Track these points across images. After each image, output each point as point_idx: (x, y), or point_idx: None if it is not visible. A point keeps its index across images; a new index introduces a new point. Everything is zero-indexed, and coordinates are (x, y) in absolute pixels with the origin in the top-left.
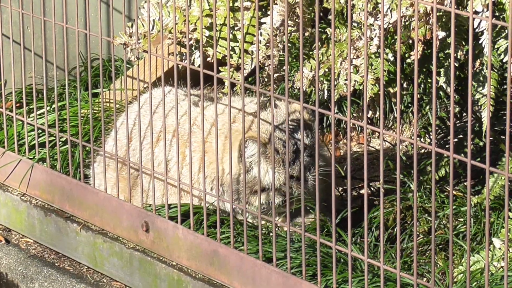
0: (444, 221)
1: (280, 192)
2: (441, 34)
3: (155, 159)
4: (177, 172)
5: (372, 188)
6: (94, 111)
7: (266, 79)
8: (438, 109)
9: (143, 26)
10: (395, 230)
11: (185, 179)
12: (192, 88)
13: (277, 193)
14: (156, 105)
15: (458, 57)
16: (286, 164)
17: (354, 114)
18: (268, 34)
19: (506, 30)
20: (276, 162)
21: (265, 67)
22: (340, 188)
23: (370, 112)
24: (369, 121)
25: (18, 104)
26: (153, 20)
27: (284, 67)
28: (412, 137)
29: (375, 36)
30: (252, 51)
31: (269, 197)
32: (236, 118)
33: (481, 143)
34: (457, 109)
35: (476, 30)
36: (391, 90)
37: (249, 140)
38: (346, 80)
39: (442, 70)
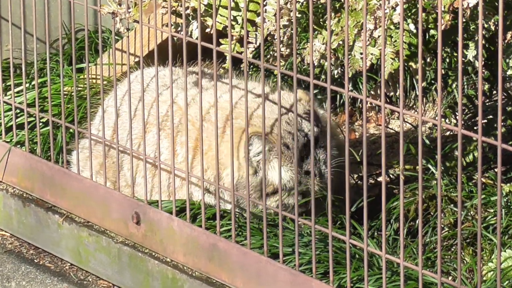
0: (472, 212)
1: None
2: (472, 1)
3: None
4: (171, 159)
5: (391, 175)
6: (79, 89)
7: (275, 53)
8: (465, 87)
9: None
10: (417, 222)
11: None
12: (189, 63)
13: (291, 194)
14: (148, 85)
15: (488, 28)
16: (294, 148)
17: (371, 92)
18: (275, 2)
19: None
20: (288, 158)
21: (274, 40)
22: (355, 176)
23: (389, 89)
24: (388, 100)
25: None
26: None
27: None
28: (436, 118)
29: (396, 6)
30: (258, 22)
31: (283, 199)
32: (241, 114)
33: None
34: (487, 87)
35: None
36: (413, 65)
37: (253, 136)
38: (362, 53)
39: (470, 42)
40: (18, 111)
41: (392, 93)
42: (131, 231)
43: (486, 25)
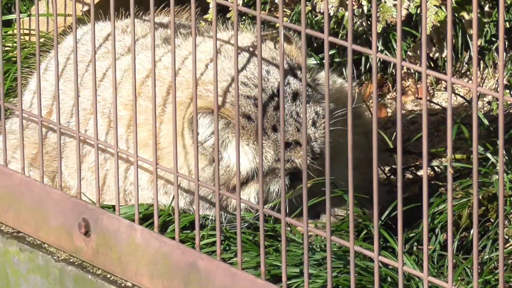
0: None
1: (274, 179)
2: None
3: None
4: (134, 147)
5: (435, 168)
6: (7, 49)
7: None
8: None
9: None
10: (471, 232)
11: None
12: (156, 13)
13: (274, 180)
14: (105, 44)
15: None
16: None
17: (409, 53)
18: None
19: None
20: (251, 134)
21: None
22: (387, 168)
23: (433, 49)
24: (431, 64)
25: None
26: None
27: None
28: (497, 89)
29: None
30: None
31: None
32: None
33: None
34: None
35: None
36: (465, 16)
37: (202, 113)
38: (395, 0)
39: None
40: None
41: (437, 55)
42: (77, 244)
43: None
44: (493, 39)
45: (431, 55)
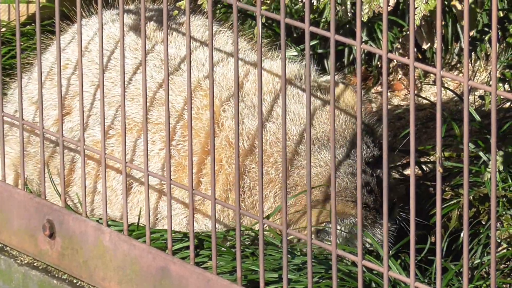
0: None
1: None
2: None
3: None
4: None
5: (423, 167)
6: None
7: None
8: None
9: None
10: (461, 235)
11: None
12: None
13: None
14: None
15: None
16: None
17: (395, 45)
18: None
19: None
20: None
21: None
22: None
23: (422, 40)
24: (419, 56)
25: None
26: None
27: None
28: (490, 83)
29: None
30: None
31: None
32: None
33: None
34: None
35: None
36: (457, 5)
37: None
38: None
39: None
40: None
41: (426, 46)
42: (41, 247)
43: None
44: (486, 29)
45: (420, 46)
